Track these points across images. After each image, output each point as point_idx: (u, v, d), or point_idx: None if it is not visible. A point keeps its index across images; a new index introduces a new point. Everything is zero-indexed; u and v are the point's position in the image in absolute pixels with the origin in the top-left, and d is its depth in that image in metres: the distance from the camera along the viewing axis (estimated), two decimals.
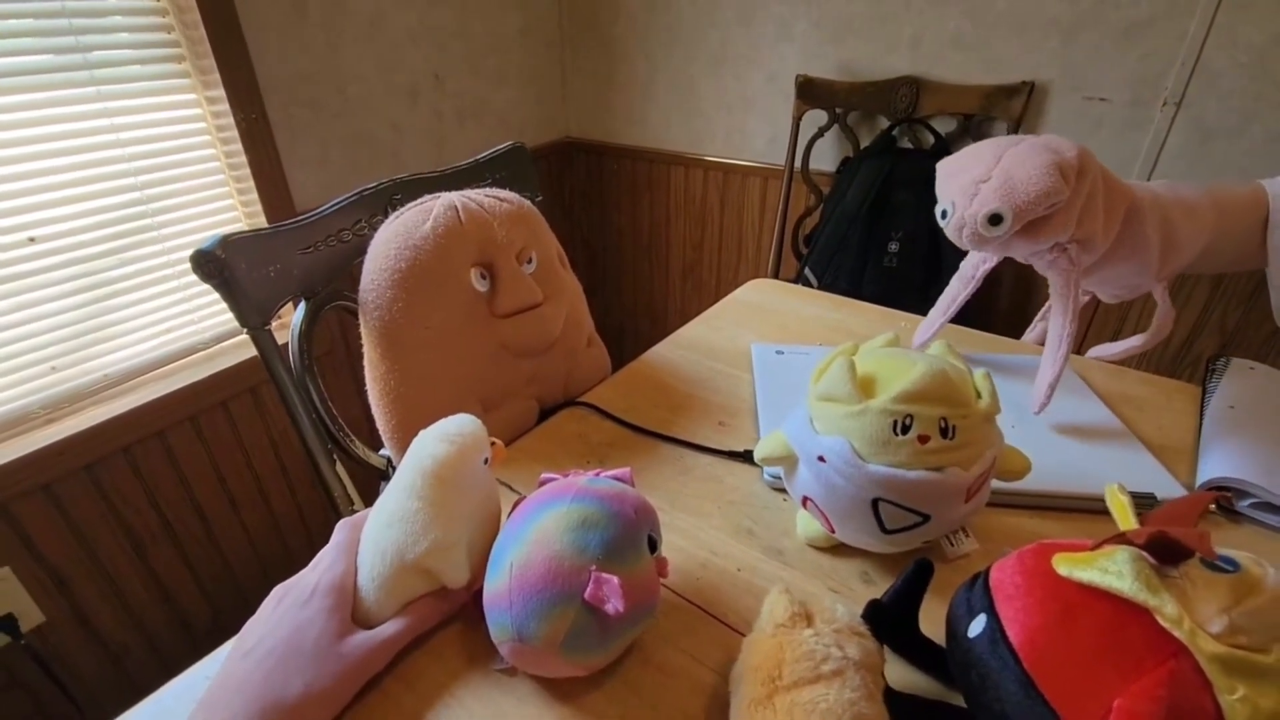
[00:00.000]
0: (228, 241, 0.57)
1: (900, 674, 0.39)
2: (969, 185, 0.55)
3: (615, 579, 0.35)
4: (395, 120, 1.41)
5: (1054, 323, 0.61)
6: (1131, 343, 0.78)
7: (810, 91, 1.40)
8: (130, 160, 1.03)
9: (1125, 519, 0.34)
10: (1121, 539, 0.30)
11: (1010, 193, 0.53)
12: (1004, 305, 1.42)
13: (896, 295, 1.31)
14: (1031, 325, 0.84)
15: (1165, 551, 0.29)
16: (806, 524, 0.50)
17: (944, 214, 0.57)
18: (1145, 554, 0.30)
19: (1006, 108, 1.24)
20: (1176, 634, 0.27)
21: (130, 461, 1.09)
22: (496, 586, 0.38)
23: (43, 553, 1.01)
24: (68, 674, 1.07)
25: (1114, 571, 0.29)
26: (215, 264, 0.57)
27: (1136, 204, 0.61)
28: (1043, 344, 0.63)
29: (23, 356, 0.98)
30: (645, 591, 0.38)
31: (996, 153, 0.55)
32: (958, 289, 0.71)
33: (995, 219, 0.54)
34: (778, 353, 0.74)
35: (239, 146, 1.14)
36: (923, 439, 0.40)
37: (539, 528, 0.38)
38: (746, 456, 0.58)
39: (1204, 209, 0.65)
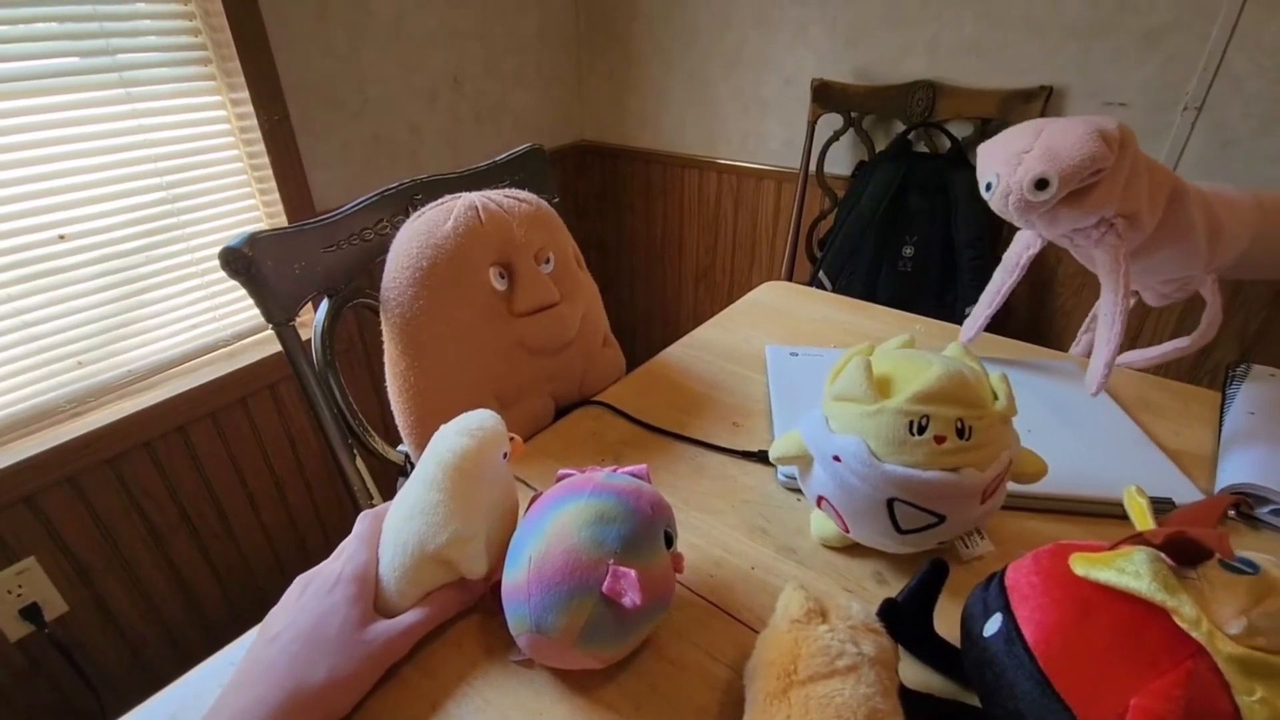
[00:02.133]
0: (255, 239, 0.59)
1: (915, 673, 0.40)
2: (1012, 156, 0.56)
3: (633, 572, 0.36)
4: (414, 122, 1.42)
5: (1105, 301, 0.60)
6: (1178, 343, 0.77)
7: (826, 95, 1.40)
8: (157, 160, 1.05)
9: (1143, 521, 0.34)
10: (1139, 539, 0.30)
11: (1055, 158, 0.53)
12: (1022, 316, 1.42)
13: (911, 299, 1.31)
14: (1076, 339, 0.83)
15: (1183, 552, 0.29)
16: (820, 523, 0.50)
17: (988, 186, 0.58)
18: (1163, 555, 0.30)
19: (1024, 112, 1.23)
20: (1194, 635, 0.27)
21: (152, 456, 1.11)
22: (515, 579, 0.38)
23: (67, 544, 1.03)
24: (89, 663, 1.09)
25: (1131, 572, 0.29)
26: (243, 261, 0.58)
27: (1180, 187, 0.60)
28: (1089, 356, 0.62)
29: (51, 352, 1.00)
30: (661, 586, 0.39)
31: (1037, 128, 0.56)
32: (1002, 279, 0.71)
33: (1041, 183, 0.54)
34: (792, 354, 0.74)
35: (262, 147, 1.16)
36: (939, 439, 0.40)
37: (557, 521, 0.38)
38: (761, 456, 0.58)
39: (1246, 205, 0.64)
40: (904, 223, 1.30)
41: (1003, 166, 0.56)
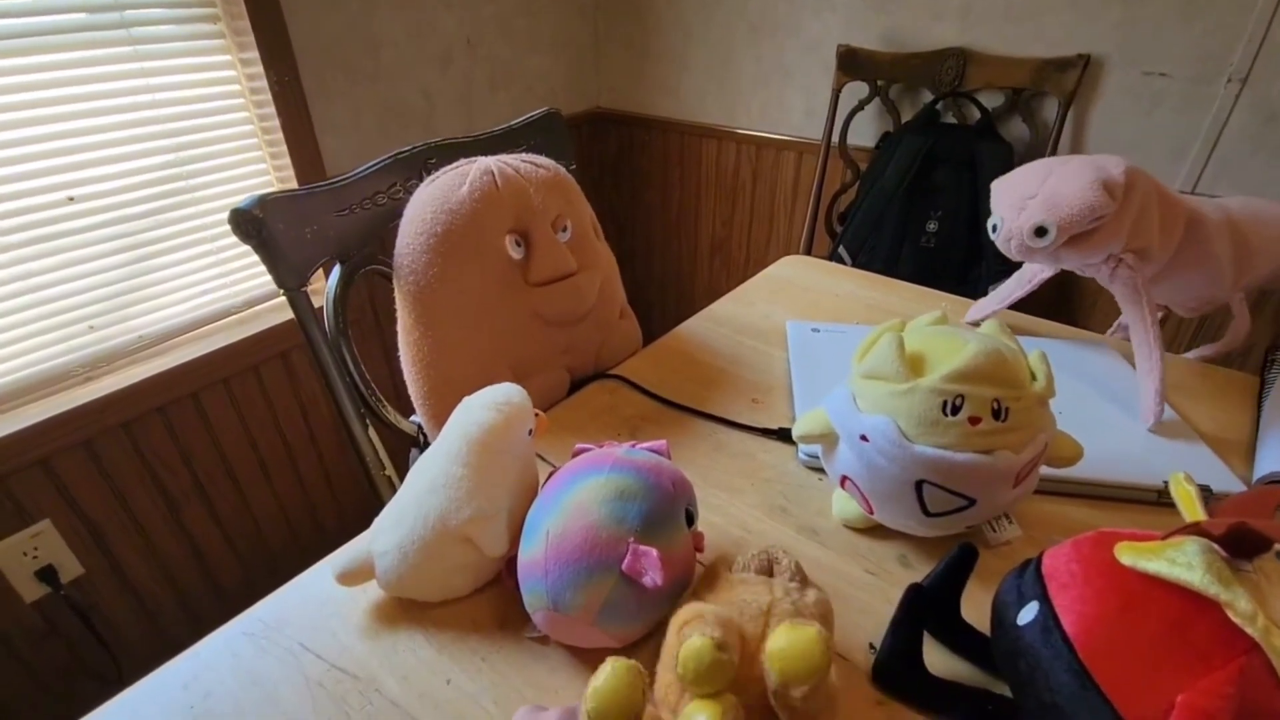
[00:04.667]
0: (265, 201, 0.57)
1: (941, 661, 0.38)
2: (1017, 200, 0.58)
3: (654, 551, 0.34)
4: (426, 86, 1.39)
5: (1135, 333, 0.60)
6: (1203, 351, 0.78)
7: (852, 62, 1.36)
8: (166, 121, 1.03)
9: (1192, 509, 0.32)
10: (1196, 529, 0.28)
11: (1054, 207, 0.55)
12: (1046, 291, 1.38)
13: (933, 276, 1.27)
14: (1110, 330, 0.82)
15: (1241, 544, 0.28)
16: (843, 504, 0.49)
17: (994, 228, 0.61)
18: (1216, 547, 0.28)
19: (1059, 82, 1.18)
20: (1249, 630, 0.26)
21: (165, 421, 1.11)
22: (531, 555, 0.37)
23: (81, 507, 1.04)
24: (104, 625, 1.11)
25: (1183, 563, 0.28)
26: (253, 223, 0.56)
27: (1196, 216, 0.62)
28: (1127, 339, 0.64)
29: (63, 315, 1.00)
30: (682, 566, 0.38)
31: (1045, 172, 0.58)
32: (1013, 287, 0.73)
33: (1040, 231, 0.56)
34: (814, 330, 0.72)
35: (272, 110, 1.13)
36: (974, 420, 0.39)
37: (576, 497, 0.37)
38: (782, 434, 0.57)
39: None
40: (929, 197, 1.27)
41: (1008, 210, 0.59)
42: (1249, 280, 0.67)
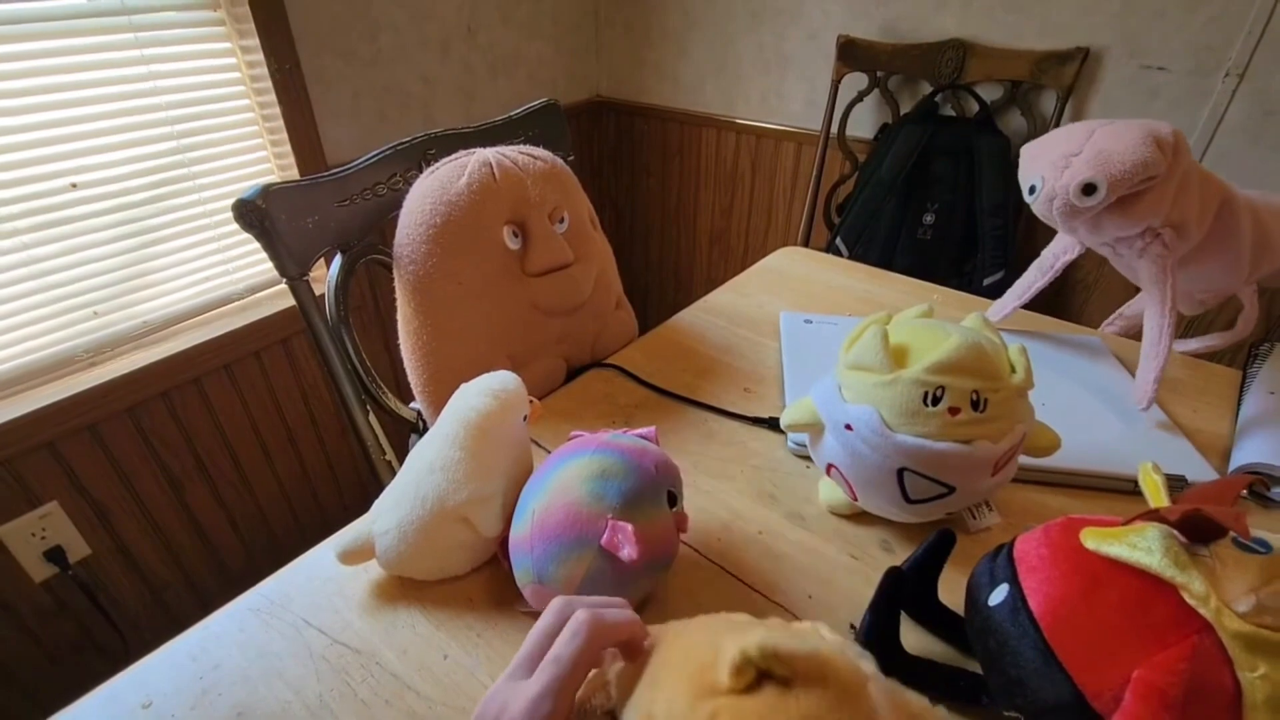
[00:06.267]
0: (269, 191, 0.58)
1: (917, 640, 0.40)
2: (1059, 159, 0.54)
3: (630, 526, 0.36)
4: (426, 73, 1.39)
5: (1151, 315, 0.58)
6: (1209, 340, 0.76)
7: (852, 53, 1.36)
8: (168, 109, 1.04)
9: (1157, 497, 0.33)
10: (1155, 515, 0.29)
11: (1105, 162, 0.51)
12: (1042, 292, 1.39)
13: (930, 268, 1.28)
14: (1109, 320, 0.81)
15: (1198, 529, 0.29)
16: (829, 491, 0.50)
17: (1031, 189, 0.56)
18: (1175, 532, 0.30)
19: (1057, 75, 1.19)
20: (1202, 611, 0.28)
21: (169, 406, 1.13)
22: (520, 532, 0.39)
23: (88, 489, 1.06)
24: (111, 604, 1.13)
25: (1143, 547, 0.29)
26: (256, 213, 0.57)
27: (1231, 197, 0.59)
28: (1123, 336, 0.61)
29: (67, 301, 1.01)
30: (662, 543, 0.39)
31: (1088, 130, 0.54)
32: (1034, 277, 0.70)
33: (1089, 188, 0.52)
34: (806, 322, 0.73)
35: (273, 97, 1.14)
36: (953, 411, 0.40)
37: (560, 477, 0.39)
38: (772, 423, 0.58)
39: None
40: (926, 189, 1.27)
41: (1049, 169, 0.54)
42: (1262, 272, 0.65)
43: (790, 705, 0.23)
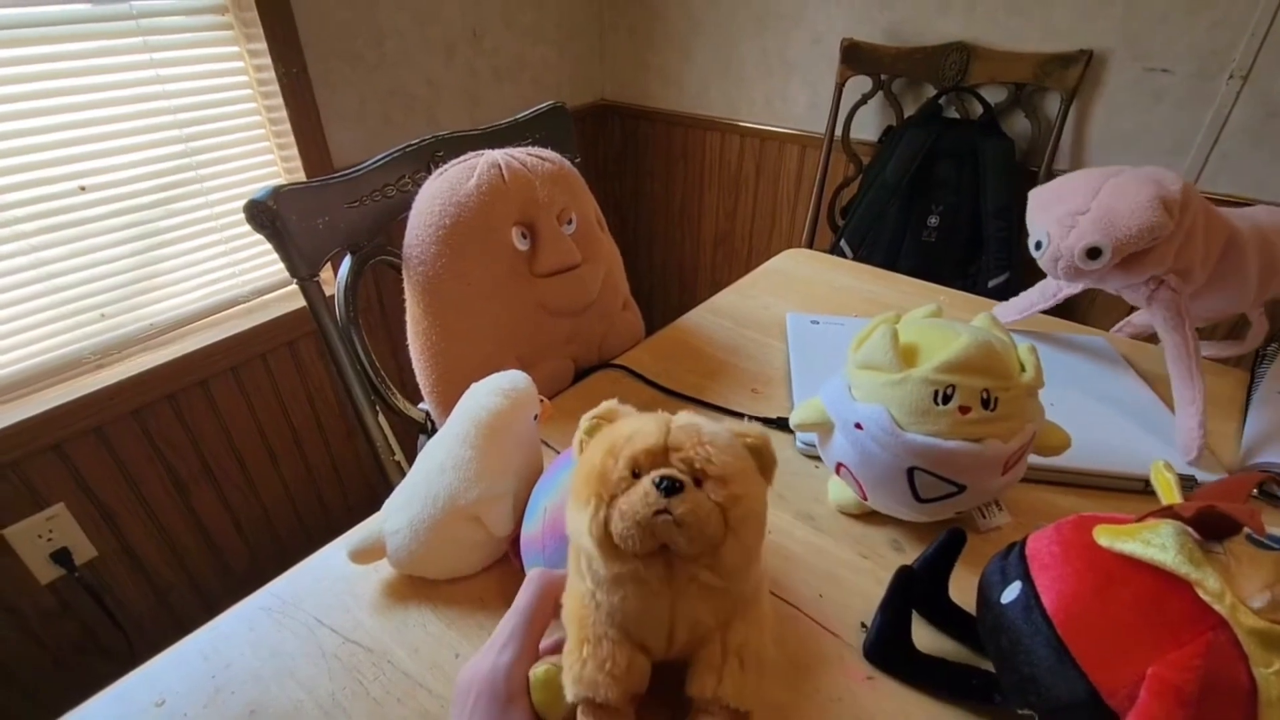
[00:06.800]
0: (280, 192, 0.58)
1: (929, 639, 0.40)
2: (1065, 217, 0.53)
3: None
4: (431, 77, 1.40)
5: (1177, 364, 0.56)
6: (1218, 350, 0.77)
7: (855, 56, 1.36)
8: (176, 112, 1.05)
9: (1170, 495, 0.33)
10: (1169, 512, 0.29)
11: (1111, 226, 0.50)
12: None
13: (934, 270, 1.28)
14: (1117, 326, 0.81)
15: (1212, 526, 0.29)
16: (838, 490, 0.50)
17: (1038, 245, 0.55)
18: (1189, 529, 0.30)
19: (1061, 78, 1.19)
20: (1217, 608, 0.27)
21: (175, 408, 1.13)
22: (531, 531, 0.39)
23: (94, 491, 1.06)
24: (117, 606, 1.14)
25: (1157, 544, 0.29)
26: (268, 214, 0.58)
27: (1235, 235, 0.58)
28: (1134, 338, 0.60)
29: (75, 303, 1.01)
30: None
31: (1095, 184, 0.53)
32: (1036, 299, 0.70)
33: (1094, 252, 0.51)
34: (813, 323, 0.73)
35: (280, 101, 1.14)
36: (963, 410, 0.40)
37: (572, 475, 0.39)
38: (780, 424, 0.58)
39: None
40: (930, 191, 1.27)
41: (1055, 227, 0.53)
42: (1271, 295, 0.64)
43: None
